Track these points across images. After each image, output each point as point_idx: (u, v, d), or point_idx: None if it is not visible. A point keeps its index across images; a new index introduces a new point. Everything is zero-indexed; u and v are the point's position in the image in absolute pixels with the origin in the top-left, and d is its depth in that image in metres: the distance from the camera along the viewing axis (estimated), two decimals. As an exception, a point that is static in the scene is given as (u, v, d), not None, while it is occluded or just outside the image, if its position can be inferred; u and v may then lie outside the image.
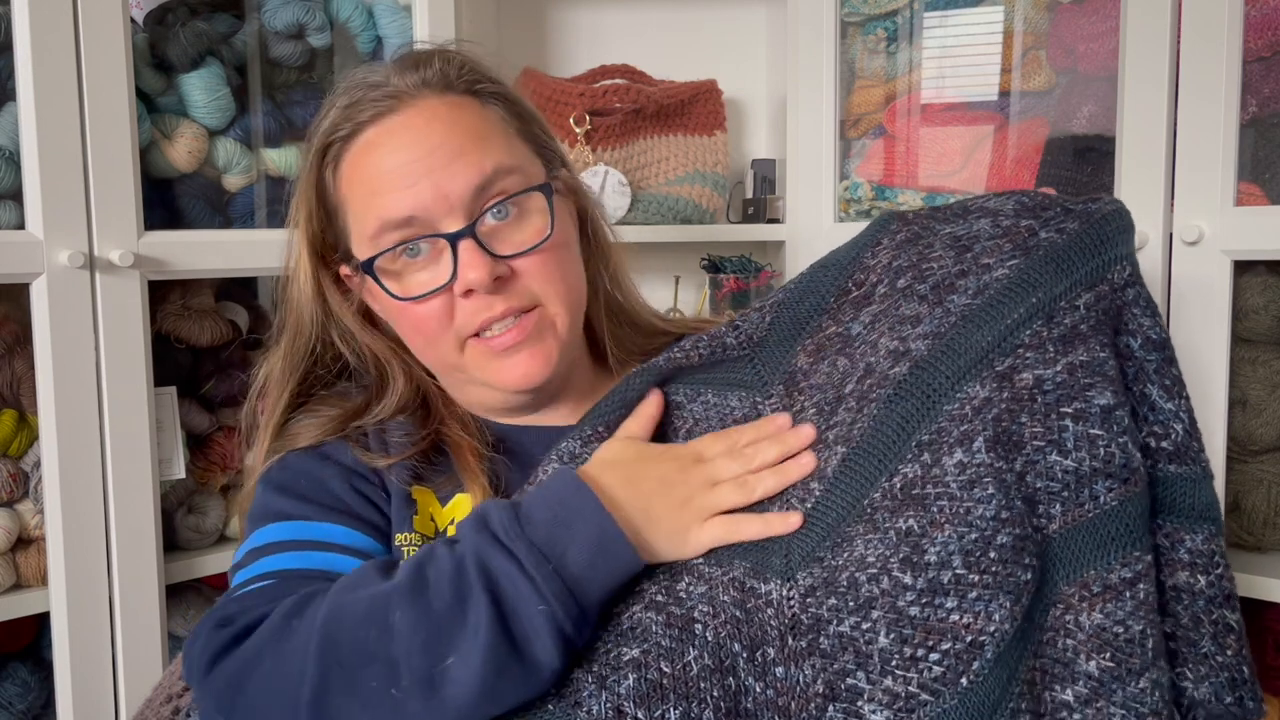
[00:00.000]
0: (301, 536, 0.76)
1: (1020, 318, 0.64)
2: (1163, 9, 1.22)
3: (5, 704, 1.16)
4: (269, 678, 0.64)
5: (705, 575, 0.67)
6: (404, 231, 0.76)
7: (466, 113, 0.78)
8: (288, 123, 1.32)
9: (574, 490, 0.67)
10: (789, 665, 0.62)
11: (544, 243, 0.77)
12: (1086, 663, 0.61)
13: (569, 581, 0.63)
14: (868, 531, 0.63)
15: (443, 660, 0.61)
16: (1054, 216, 0.68)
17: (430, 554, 0.66)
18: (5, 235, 1.07)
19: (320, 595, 0.67)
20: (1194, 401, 1.22)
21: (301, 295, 0.84)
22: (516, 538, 0.64)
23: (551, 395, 0.86)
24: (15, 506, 1.14)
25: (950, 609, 0.59)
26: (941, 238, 0.70)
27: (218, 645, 0.67)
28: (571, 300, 0.81)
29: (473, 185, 0.75)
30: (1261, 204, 1.21)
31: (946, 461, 0.62)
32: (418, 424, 0.83)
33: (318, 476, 0.79)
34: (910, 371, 0.64)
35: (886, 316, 0.69)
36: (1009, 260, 0.66)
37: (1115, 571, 0.62)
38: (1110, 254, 0.67)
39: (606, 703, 0.62)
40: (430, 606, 0.63)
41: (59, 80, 1.06)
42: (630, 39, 1.75)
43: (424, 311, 0.78)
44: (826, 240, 1.52)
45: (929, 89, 1.49)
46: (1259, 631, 1.30)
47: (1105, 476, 0.62)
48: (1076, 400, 0.63)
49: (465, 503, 0.80)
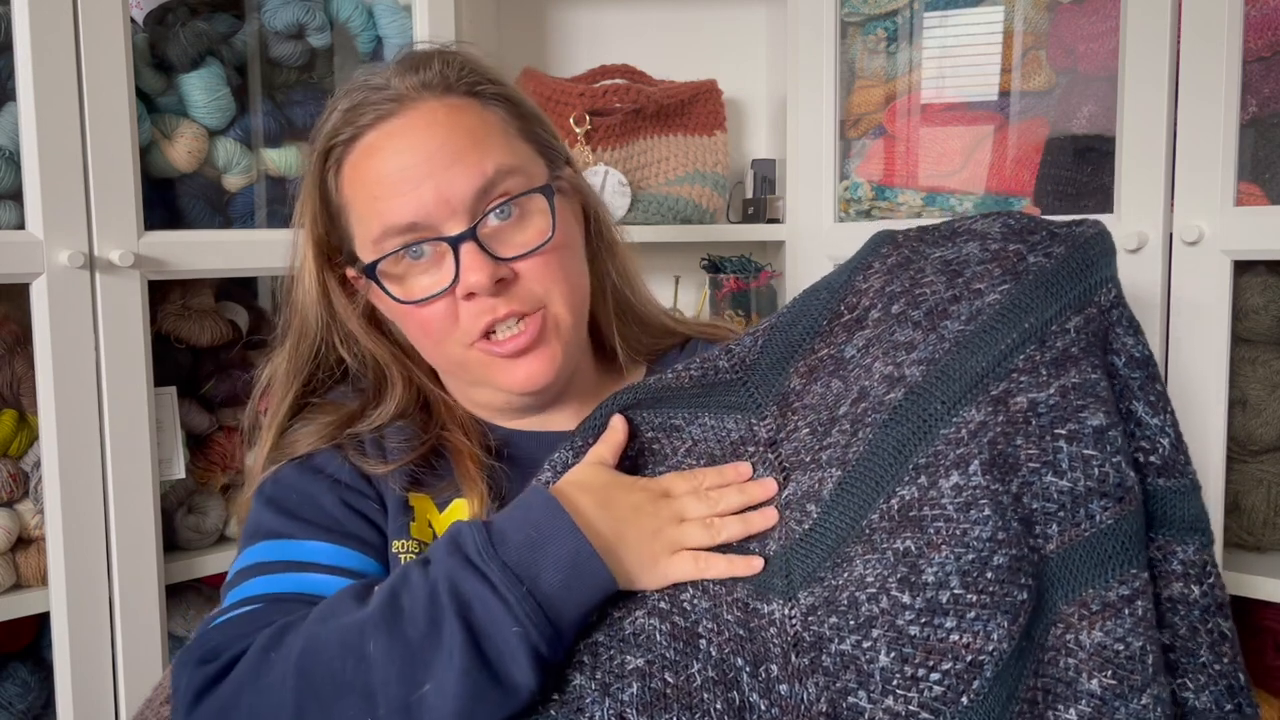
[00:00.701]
0: (288, 557, 0.76)
1: (1013, 343, 0.65)
2: (1163, 9, 1.22)
3: (5, 704, 1.16)
4: (250, 715, 0.65)
5: (709, 590, 0.68)
6: (406, 236, 0.76)
7: (467, 115, 0.78)
8: (288, 123, 1.32)
9: (548, 511, 0.67)
10: (792, 683, 0.63)
11: (546, 244, 0.77)
12: (1089, 681, 0.61)
13: (542, 602, 0.63)
14: (866, 552, 0.64)
15: (419, 688, 0.62)
16: (1040, 241, 0.69)
17: (404, 578, 0.66)
18: (5, 235, 1.07)
19: (298, 624, 0.67)
20: (1194, 401, 1.23)
21: (306, 297, 0.84)
22: (490, 558, 0.64)
23: (555, 397, 0.85)
24: (15, 506, 1.14)
25: (949, 629, 0.60)
26: (932, 262, 0.71)
27: (200, 683, 0.68)
28: (575, 301, 0.81)
29: (474, 188, 0.75)
30: (1261, 204, 1.21)
31: (943, 484, 0.63)
32: (417, 429, 0.83)
33: (309, 492, 0.79)
34: (905, 397, 0.65)
35: (881, 342, 0.69)
36: (1000, 285, 0.67)
37: (1114, 589, 0.62)
38: (1097, 276, 0.68)
39: (610, 710, 0.62)
40: (405, 634, 0.63)
41: (59, 80, 1.06)
42: (630, 39, 1.75)
43: (428, 314, 0.78)
44: (826, 240, 1.53)
45: (929, 89, 1.49)
46: (1259, 631, 1.30)
47: (1100, 496, 0.63)
48: (1070, 422, 0.64)
49: (463, 508, 0.80)
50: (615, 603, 0.68)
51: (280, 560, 0.76)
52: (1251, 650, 1.31)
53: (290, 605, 0.71)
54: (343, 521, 0.78)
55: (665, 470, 0.76)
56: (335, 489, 0.79)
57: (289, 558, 0.76)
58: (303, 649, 0.65)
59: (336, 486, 0.79)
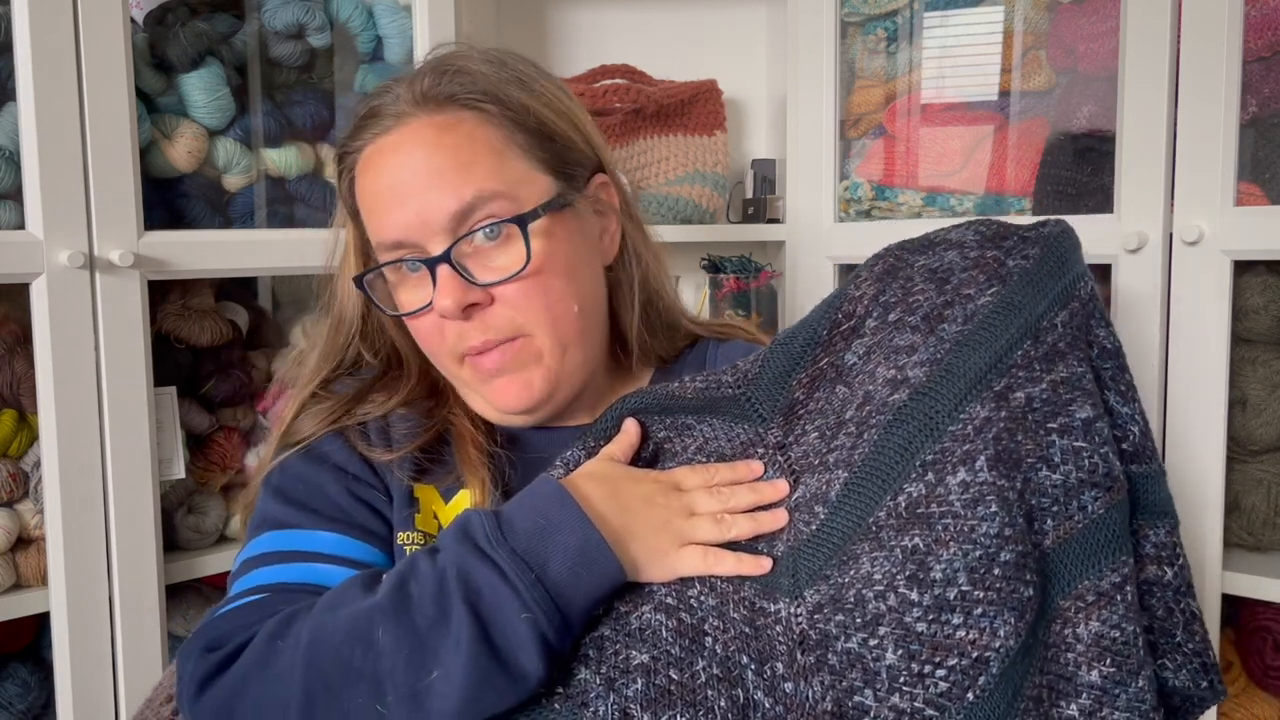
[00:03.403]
0: (294, 547, 0.76)
1: (1011, 339, 0.67)
2: (1163, 9, 1.22)
3: (5, 704, 1.16)
4: (257, 702, 0.65)
5: (716, 587, 0.68)
6: (395, 252, 0.78)
7: (453, 134, 0.76)
8: (288, 123, 1.32)
9: (557, 499, 0.67)
10: (798, 681, 0.63)
11: (520, 273, 0.76)
12: (1088, 673, 0.62)
13: (551, 589, 0.63)
14: (873, 549, 0.64)
15: (427, 675, 0.62)
16: (1015, 245, 0.71)
17: (412, 566, 0.66)
18: (5, 235, 1.07)
19: (305, 612, 0.67)
20: (1194, 401, 1.23)
21: (345, 290, 0.87)
22: (498, 545, 0.64)
23: (555, 412, 0.84)
24: (15, 506, 1.14)
25: (956, 625, 0.60)
26: (919, 270, 0.72)
27: (205, 670, 0.67)
28: (560, 329, 0.78)
29: (450, 212, 0.74)
30: (1261, 204, 1.21)
31: (950, 480, 0.63)
32: (423, 416, 0.84)
33: (316, 482, 0.79)
34: (911, 397, 0.66)
35: (881, 348, 0.70)
36: (988, 289, 0.69)
37: (1106, 577, 0.64)
38: (1073, 272, 0.71)
39: (614, 705, 0.62)
40: (413, 622, 0.63)
41: (59, 80, 1.06)
42: (630, 39, 1.75)
43: (419, 326, 0.80)
44: (826, 240, 1.53)
45: (929, 89, 1.49)
46: (1259, 631, 1.30)
47: (1091, 486, 0.64)
48: (1060, 415, 0.65)
49: (467, 501, 0.80)
50: (622, 597, 0.68)
51: (287, 550, 0.76)
52: (1251, 650, 1.31)
53: (296, 595, 0.71)
54: (349, 512, 0.78)
55: (677, 466, 0.76)
56: (342, 479, 0.79)
57: (296, 548, 0.76)
58: (311, 637, 0.65)
59: (343, 477, 0.80)
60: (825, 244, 1.53)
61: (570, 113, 0.82)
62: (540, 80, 0.82)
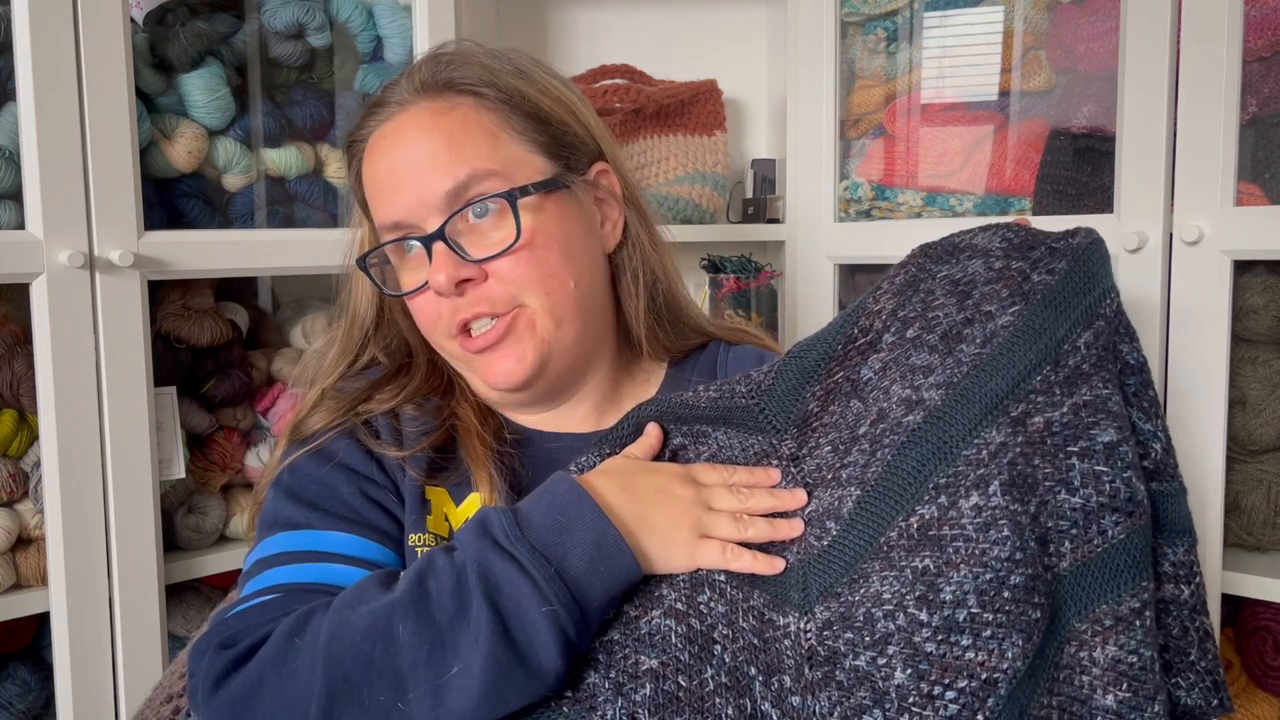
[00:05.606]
0: (307, 547, 0.76)
1: (1030, 364, 0.66)
2: (1163, 9, 1.22)
3: (5, 704, 1.16)
4: (275, 699, 0.65)
5: (726, 594, 0.68)
6: (395, 232, 0.80)
7: (449, 118, 0.79)
8: (288, 123, 1.32)
9: (572, 495, 0.68)
10: (805, 695, 0.63)
11: (511, 248, 0.78)
12: (1104, 697, 0.62)
13: (570, 584, 0.63)
14: (884, 569, 0.64)
15: (447, 671, 0.62)
16: (1041, 257, 0.70)
17: (430, 563, 0.66)
18: (5, 235, 1.07)
19: (321, 611, 0.67)
20: (1194, 402, 1.23)
21: (360, 284, 0.88)
22: (517, 540, 0.64)
23: (555, 392, 0.85)
24: (15, 506, 1.14)
25: (965, 646, 0.60)
26: (940, 282, 0.71)
27: (221, 668, 0.67)
28: (557, 301, 0.80)
29: (444, 190, 0.77)
30: (1261, 204, 1.21)
31: (963, 504, 0.63)
32: (432, 414, 0.84)
33: (328, 483, 0.79)
34: (925, 419, 0.66)
35: (897, 365, 0.70)
36: (1010, 307, 0.68)
37: (1125, 603, 0.63)
38: (1099, 288, 0.69)
39: (622, 709, 0.62)
40: (433, 617, 0.63)
41: (59, 80, 1.06)
42: (630, 39, 1.75)
43: (418, 305, 0.82)
44: (826, 240, 1.53)
45: (929, 89, 1.49)
46: (1259, 631, 1.30)
47: (1112, 511, 0.64)
48: (1081, 439, 0.64)
49: (479, 503, 0.80)
50: (632, 601, 0.68)
51: (300, 550, 0.76)
52: (1251, 650, 1.31)
53: (310, 595, 0.71)
54: (362, 512, 0.78)
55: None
56: (354, 480, 0.80)
57: (309, 548, 0.76)
58: (330, 634, 0.65)
59: (355, 477, 0.80)
60: (825, 244, 1.53)
61: (568, 101, 0.85)
62: (540, 72, 0.85)
